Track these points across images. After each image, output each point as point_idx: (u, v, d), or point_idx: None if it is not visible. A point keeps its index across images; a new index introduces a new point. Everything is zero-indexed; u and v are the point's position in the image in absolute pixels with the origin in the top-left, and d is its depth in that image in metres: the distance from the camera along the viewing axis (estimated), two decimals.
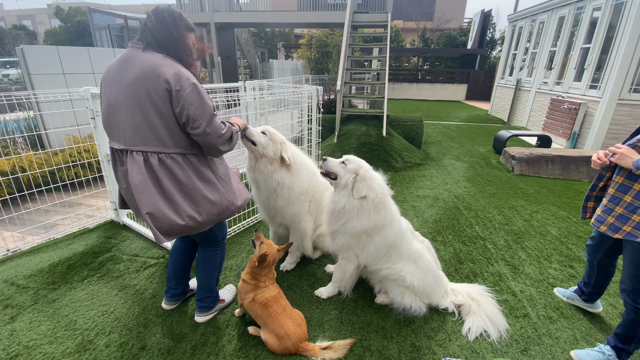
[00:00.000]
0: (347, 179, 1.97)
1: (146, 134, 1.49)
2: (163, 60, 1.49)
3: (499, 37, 19.53)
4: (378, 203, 1.96)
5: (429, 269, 2.07)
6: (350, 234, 2.02)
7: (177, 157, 1.55)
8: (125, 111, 1.49)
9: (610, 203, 1.64)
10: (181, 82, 1.47)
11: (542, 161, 5.04)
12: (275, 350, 1.76)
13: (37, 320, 2.00)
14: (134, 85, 1.46)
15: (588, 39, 6.65)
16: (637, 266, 1.58)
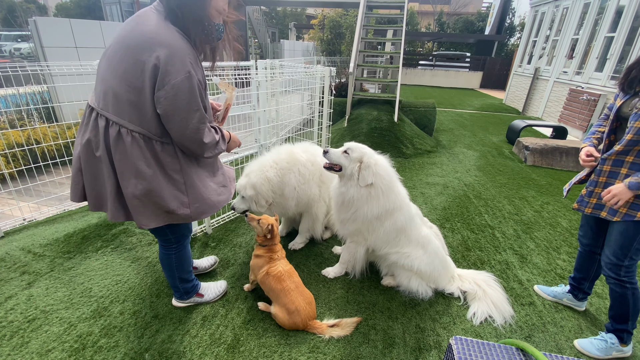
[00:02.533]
0: (352, 168, 1.95)
1: (114, 101, 1.31)
2: (169, 32, 1.27)
3: (519, 24, 18.83)
4: (386, 188, 1.95)
5: (437, 254, 2.08)
6: (361, 221, 2.01)
7: (139, 138, 1.34)
8: (114, 74, 1.30)
9: (604, 190, 1.64)
10: (174, 63, 1.24)
11: (556, 153, 4.94)
12: (284, 324, 1.80)
13: (54, 287, 2.08)
14: (123, 47, 1.28)
15: (613, 28, 6.36)
16: (624, 238, 1.61)
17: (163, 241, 1.73)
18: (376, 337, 1.81)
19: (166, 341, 1.74)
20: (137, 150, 1.35)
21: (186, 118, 1.32)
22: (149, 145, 1.37)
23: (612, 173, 1.63)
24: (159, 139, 1.38)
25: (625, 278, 1.65)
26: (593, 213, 1.73)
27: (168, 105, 1.29)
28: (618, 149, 1.57)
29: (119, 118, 1.32)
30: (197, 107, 1.32)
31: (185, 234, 1.78)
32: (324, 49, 11.22)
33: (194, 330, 1.81)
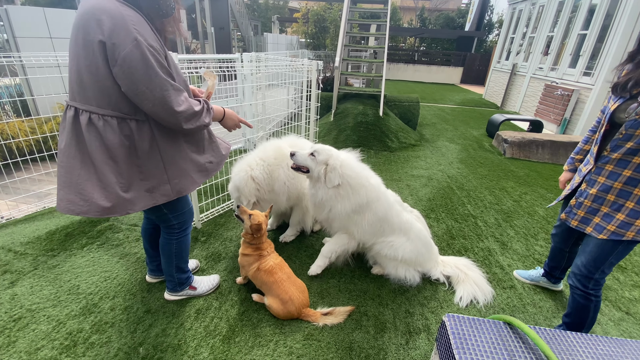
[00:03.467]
0: (318, 171, 1.99)
1: (78, 87, 1.28)
2: (109, 3, 1.19)
3: (497, 21, 19.33)
4: (355, 185, 1.99)
5: (420, 238, 2.15)
6: (340, 218, 2.06)
7: (111, 121, 1.31)
8: (71, 61, 1.28)
9: (594, 203, 1.57)
10: (119, 34, 1.17)
11: (533, 145, 5.16)
12: (278, 314, 1.84)
13: (39, 285, 2.02)
14: (75, 31, 1.25)
15: (585, 26, 6.66)
16: (600, 253, 1.55)
17: (166, 227, 1.73)
18: (368, 323, 1.87)
19: (160, 335, 1.73)
20: (111, 134, 1.31)
21: (149, 88, 1.24)
22: (123, 125, 1.33)
23: (611, 176, 1.51)
24: (133, 117, 1.33)
25: (592, 291, 1.62)
26: (578, 227, 1.64)
27: (126, 80, 1.22)
28: (616, 157, 1.47)
29: (87, 105, 1.29)
30: (154, 74, 1.24)
31: (187, 221, 1.78)
32: (309, 43, 11.16)
33: (188, 323, 1.81)
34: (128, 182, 1.39)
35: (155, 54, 1.24)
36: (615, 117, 1.49)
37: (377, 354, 1.69)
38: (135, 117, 1.34)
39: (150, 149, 1.40)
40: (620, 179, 1.48)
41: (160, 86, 1.26)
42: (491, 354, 0.85)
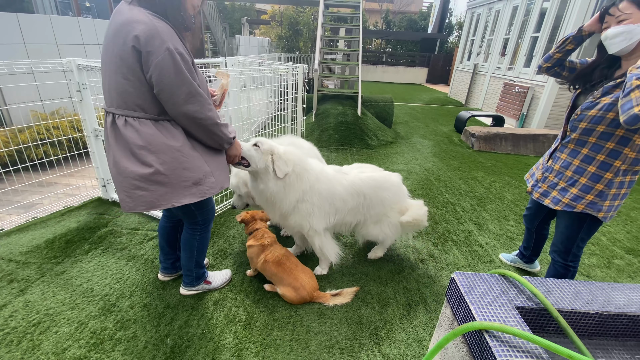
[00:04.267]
0: (265, 160, 1.88)
1: (117, 94, 1.41)
2: (142, 16, 1.33)
3: (456, 23, 20.47)
4: (300, 171, 1.95)
5: (372, 186, 2.15)
6: (290, 211, 2.00)
7: (147, 122, 1.44)
8: (106, 70, 1.42)
9: (555, 178, 1.82)
10: (153, 44, 1.30)
11: (497, 139, 5.66)
12: (292, 300, 2.00)
13: (51, 291, 2.04)
14: (112, 42, 1.37)
15: (537, 28, 7.36)
16: (570, 231, 1.80)
17: (191, 224, 1.84)
18: (372, 300, 2.09)
19: (183, 326, 1.84)
20: (158, 132, 1.45)
21: (175, 94, 1.37)
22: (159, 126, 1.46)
23: (571, 154, 1.74)
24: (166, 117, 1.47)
25: (570, 263, 1.86)
26: (539, 199, 1.88)
27: (158, 85, 1.36)
28: (575, 137, 1.71)
29: (126, 110, 1.42)
30: (183, 82, 1.36)
31: (211, 218, 1.90)
32: (283, 46, 11.29)
33: (208, 314, 1.93)
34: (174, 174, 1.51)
35: (184, 61, 1.39)
36: (578, 101, 1.75)
37: (384, 325, 1.91)
38: (168, 118, 1.48)
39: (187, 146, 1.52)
40: (578, 156, 1.70)
41: (186, 93, 1.40)
42: (493, 297, 1.09)
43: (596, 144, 1.65)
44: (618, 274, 2.50)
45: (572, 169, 1.74)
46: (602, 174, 1.65)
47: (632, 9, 1.49)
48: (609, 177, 1.64)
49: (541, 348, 0.87)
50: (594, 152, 1.66)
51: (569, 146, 1.77)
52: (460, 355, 1.05)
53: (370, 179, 2.17)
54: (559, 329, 1.07)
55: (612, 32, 1.54)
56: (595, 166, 1.66)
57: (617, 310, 1.09)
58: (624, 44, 1.53)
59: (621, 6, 1.51)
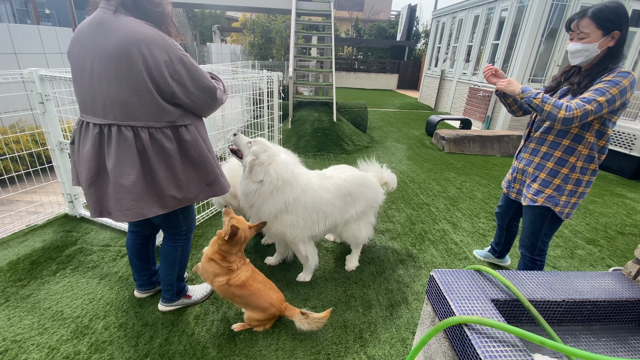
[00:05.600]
0: (247, 160, 1.93)
1: (123, 108, 1.38)
2: (145, 28, 1.33)
3: (422, 31, 21.32)
4: (282, 184, 1.92)
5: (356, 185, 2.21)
6: (270, 219, 1.99)
7: (167, 131, 1.47)
8: (111, 84, 1.34)
9: (522, 176, 1.97)
10: (167, 54, 1.35)
11: (465, 141, 5.92)
12: (261, 322, 1.83)
13: (17, 316, 1.91)
14: (117, 55, 1.30)
15: (497, 36, 7.82)
16: (534, 226, 1.91)
17: (174, 234, 1.80)
18: (356, 303, 2.12)
19: (164, 344, 1.78)
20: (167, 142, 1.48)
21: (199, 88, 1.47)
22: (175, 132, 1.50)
23: (532, 152, 1.89)
24: (182, 123, 1.51)
25: (537, 257, 1.97)
26: (516, 198, 2.05)
27: (184, 89, 1.43)
28: (537, 135, 1.85)
29: (134, 121, 1.41)
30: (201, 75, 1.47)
31: (193, 227, 1.89)
32: (256, 53, 11.26)
33: (190, 329, 1.88)
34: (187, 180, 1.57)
35: (193, 60, 1.48)
36: None
37: (368, 328, 1.94)
38: (184, 123, 1.52)
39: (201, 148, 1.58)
40: (538, 154, 1.85)
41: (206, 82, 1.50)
42: (470, 292, 1.14)
43: (554, 141, 1.80)
44: (581, 264, 2.69)
45: (533, 166, 1.88)
46: (559, 169, 1.79)
47: (591, 28, 1.61)
48: (565, 172, 1.78)
49: (516, 337, 0.93)
50: (552, 149, 1.80)
51: (530, 146, 1.91)
52: (442, 350, 1.10)
53: (353, 177, 2.23)
54: (531, 318, 1.14)
55: (572, 48, 1.70)
56: (553, 162, 1.81)
57: (581, 297, 1.18)
58: (581, 59, 1.69)
59: (582, 24, 1.63)
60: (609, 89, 1.56)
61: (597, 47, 1.62)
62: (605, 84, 1.58)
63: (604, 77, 1.61)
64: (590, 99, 1.57)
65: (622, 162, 4.95)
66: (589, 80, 1.67)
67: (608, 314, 1.21)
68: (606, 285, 1.24)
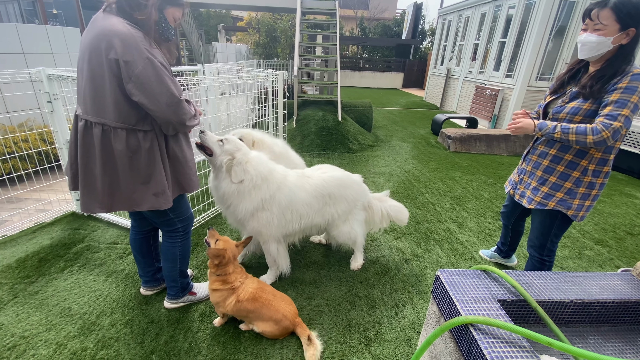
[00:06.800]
0: (221, 160, 1.88)
1: (92, 102, 1.42)
2: (120, 25, 1.32)
3: (428, 29, 21.17)
4: (259, 182, 1.93)
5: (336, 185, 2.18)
6: (247, 218, 1.97)
7: (120, 132, 1.44)
8: (85, 77, 1.41)
9: (529, 179, 1.93)
10: (131, 54, 1.30)
11: (471, 140, 5.87)
12: (275, 335, 1.78)
13: (25, 313, 1.94)
14: (89, 50, 1.36)
15: (504, 34, 7.73)
16: (543, 227, 1.89)
17: (170, 232, 1.81)
18: (360, 302, 2.11)
19: (169, 341, 1.79)
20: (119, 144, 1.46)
21: (159, 101, 1.39)
22: (131, 135, 1.47)
23: (541, 155, 1.85)
24: (141, 128, 1.47)
25: (546, 258, 1.94)
26: (519, 200, 1.99)
27: (141, 94, 1.37)
28: (546, 138, 1.81)
29: (100, 117, 1.42)
30: (166, 88, 1.39)
31: (190, 224, 1.89)
32: (261, 52, 11.28)
33: (195, 327, 1.89)
34: (133, 185, 1.54)
35: (164, 69, 1.42)
36: (549, 108, 1.85)
37: (373, 327, 1.93)
38: (142, 128, 1.48)
39: (154, 157, 1.53)
40: (547, 157, 1.81)
41: (171, 97, 1.42)
42: (476, 292, 1.13)
43: (564, 144, 1.75)
44: (589, 264, 2.65)
45: (542, 169, 1.84)
46: (570, 172, 1.75)
47: (610, 21, 1.54)
48: (576, 176, 1.74)
49: (523, 338, 0.92)
50: (562, 152, 1.76)
51: (539, 148, 1.87)
52: (448, 350, 1.09)
53: (333, 178, 2.19)
54: (538, 319, 1.13)
55: (584, 39, 1.62)
56: (563, 165, 1.77)
57: (590, 297, 1.16)
58: (592, 52, 1.62)
59: (602, 14, 1.55)
60: (628, 98, 1.51)
61: (610, 42, 1.56)
62: (622, 93, 1.52)
63: (618, 84, 1.55)
64: (614, 115, 1.51)
65: (632, 162, 4.87)
66: (601, 84, 1.60)
67: (617, 315, 1.19)
68: (615, 286, 1.22)
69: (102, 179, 1.50)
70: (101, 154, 1.46)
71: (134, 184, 1.53)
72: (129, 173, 1.51)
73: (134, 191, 1.54)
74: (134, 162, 1.50)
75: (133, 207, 1.57)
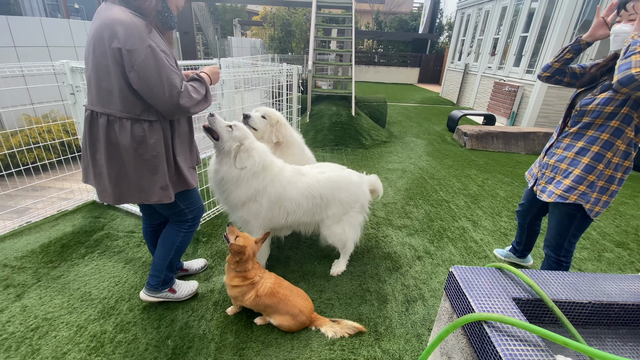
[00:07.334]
0: (230, 145, 1.90)
1: (97, 92, 1.43)
2: (123, 14, 1.32)
3: (446, 24, 20.70)
4: (257, 171, 1.95)
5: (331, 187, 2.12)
6: (238, 206, 1.99)
7: (126, 123, 1.45)
8: (90, 68, 1.42)
9: (551, 172, 1.87)
10: (133, 42, 1.30)
11: (488, 137, 5.75)
12: (291, 329, 1.82)
13: (48, 296, 2.03)
14: (93, 41, 1.37)
15: (526, 28, 7.49)
16: (560, 226, 1.85)
17: (179, 221, 1.82)
18: (371, 297, 2.12)
19: (184, 328, 1.85)
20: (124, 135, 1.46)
21: (160, 90, 1.38)
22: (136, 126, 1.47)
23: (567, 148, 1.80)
24: (146, 118, 1.47)
25: (563, 258, 1.90)
26: (540, 195, 1.92)
27: (142, 83, 1.36)
28: (573, 131, 1.77)
29: (106, 108, 1.43)
30: (166, 77, 1.37)
31: (199, 216, 1.90)
32: (276, 47, 11.29)
33: (209, 315, 1.94)
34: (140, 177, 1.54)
35: (167, 58, 1.40)
36: (577, 99, 1.80)
37: (383, 322, 1.94)
38: (148, 118, 1.48)
39: (160, 148, 1.53)
40: (573, 149, 1.76)
41: (171, 87, 1.40)
42: (490, 289, 1.12)
43: (592, 136, 1.71)
44: (608, 267, 2.58)
45: (567, 162, 1.79)
46: (595, 165, 1.71)
47: None
48: (600, 168, 1.70)
49: (538, 337, 0.91)
50: (589, 144, 1.71)
51: (565, 141, 1.82)
52: (460, 347, 1.08)
53: (327, 180, 2.12)
54: (554, 319, 1.11)
55: (619, 30, 1.57)
56: (589, 157, 1.72)
57: (609, 299, 1.13)
58: (625, 44, 1.52)
59: (637, 5, 1.50)
60: None
61: None
62: None
63: None
64: None
65: None
66: None
67: (636, 318, 1.15)
68: (636, 289, 1.18)
69: (108, 171, 1.51)
70: (106, 144, 1.47)
71: (142, 176, 1.53)
72: (135, 164, 1.51)
73: (141, 183, 1.55)
74: (140, 153, 1.50)
75: (142, 199, 1.57)
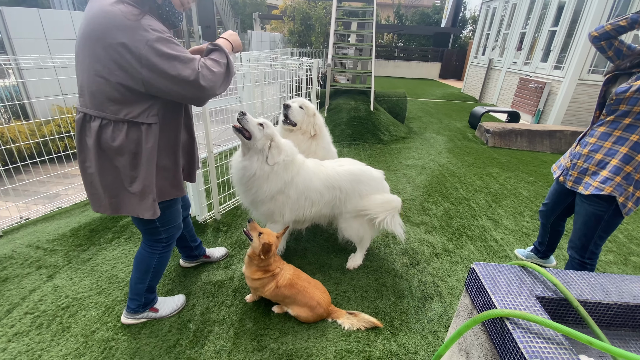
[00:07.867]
0: (262, 143, 1.92)
1: (89, 93, 1.28)
2: (112, 6, 1.20)
3: (470, 17, 20.06)
4: (288, 162, 1.99)
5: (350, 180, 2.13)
6: (266, 200, 2.02)
7: (122, 126, 1.32)
8: (81, 66, 1.28)
9: (585, 163, 1.79)
10: (134, 37, 1.18)
11: (512, 135, 5.58)
12: (308, 320, 1.85)
13: (78, 277, 2.14)
14: (83, 37, 1.24)
15: (555, 22, 7.18)
16: (586, 227, 1.80)
17: (151, 241, 1.67)
18: (387, 292, 2.12)
19: (205, 312, 1.91)
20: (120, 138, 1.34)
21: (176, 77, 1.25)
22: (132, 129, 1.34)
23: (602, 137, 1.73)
24: (145, 121, 1.34)
25: (587, 260, 1.85)
26: (573, 187, 1.84)
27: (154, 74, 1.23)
28: (609, 119, 1.69)
29: (99, 111, 1.30)
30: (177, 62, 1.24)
31: (175, 235, 1.73)
32: (295, 41, 11.29)
33: (228, 301, 2.00)
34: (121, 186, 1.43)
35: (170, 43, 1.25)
36: (612, 87, 1.74)
37: (399, 317, 1.94)
38: (147, 121, 1.34)
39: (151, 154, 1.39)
40: (610, 138, 1.70)
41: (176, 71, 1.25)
42: (513, 287, 1.11)
43: (631, 124, 1.64)
44: (635, 271, 2.48)
45: (602, 152, 1.72)
46: (634, 155, 1.64)
47: None
48: (639, 159, 1.63)
49: (562, 335, 0.89)
50: (628, 132, 1.65)
51: (600, 129, 1.75)
52: (479, 343, 1.08)
53: (347, 172, 2.14)
54: (577, 319, 1.09)
55: None
56: (627, 147, 1.65)
57: (635, 301, 1.10)
58: None
59: None
60: None
61: None
62: None
63: None
64: None
65: None
66: None
67: None
68: None
69: (100, 180, 1.39)
70: (97, 151, 1.33)
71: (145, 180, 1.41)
72: (129, 173, 1.39)
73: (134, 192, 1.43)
74: (135, 160, 1.38)
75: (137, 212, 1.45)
